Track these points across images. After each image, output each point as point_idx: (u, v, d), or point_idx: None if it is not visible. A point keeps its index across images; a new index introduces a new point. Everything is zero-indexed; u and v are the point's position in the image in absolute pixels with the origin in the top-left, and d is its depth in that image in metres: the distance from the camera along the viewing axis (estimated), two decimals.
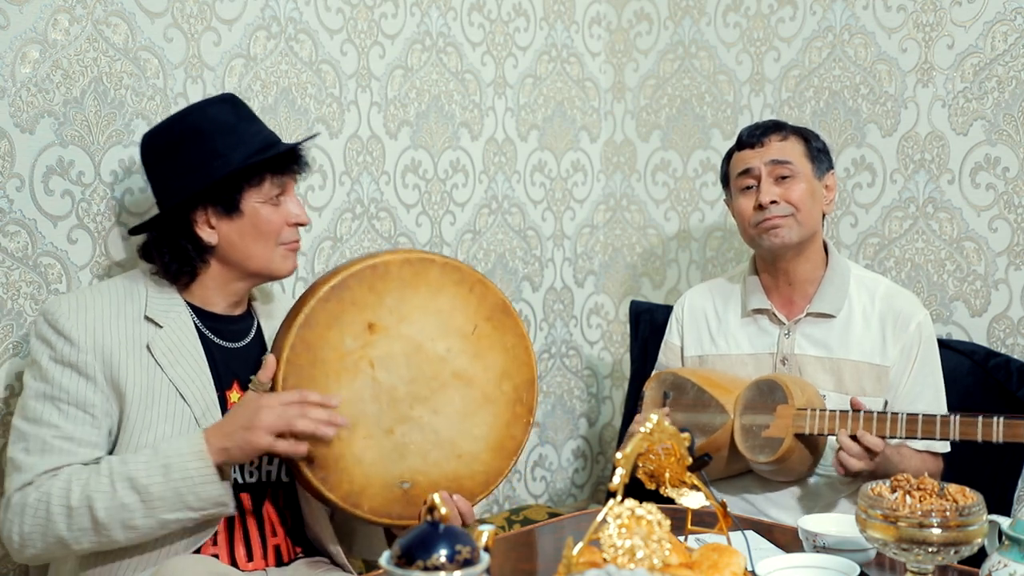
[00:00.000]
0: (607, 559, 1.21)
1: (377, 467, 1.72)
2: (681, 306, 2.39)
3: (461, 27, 2.73)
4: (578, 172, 3.07)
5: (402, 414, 1.73)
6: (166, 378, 1.77)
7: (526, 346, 1.82)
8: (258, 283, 1.92)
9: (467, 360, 1.77)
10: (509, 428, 1.82)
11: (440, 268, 1.76)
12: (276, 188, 1.84)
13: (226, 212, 1.81)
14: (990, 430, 1.84)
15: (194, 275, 1.85)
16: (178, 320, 1.82)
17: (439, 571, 1.08)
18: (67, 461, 1.69)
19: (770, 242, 2.16)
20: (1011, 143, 2.38)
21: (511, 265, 2.92)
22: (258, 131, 1.85)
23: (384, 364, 1.72)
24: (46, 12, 1.97)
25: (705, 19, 2.89)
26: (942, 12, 2.46)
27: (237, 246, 1.83)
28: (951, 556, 1.41)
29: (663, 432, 1.39)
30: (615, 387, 3.18)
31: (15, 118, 1.95)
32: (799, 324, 2.20)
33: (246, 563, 1.82)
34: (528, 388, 1.83)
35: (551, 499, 3.06)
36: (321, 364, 1.68)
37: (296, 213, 1.86)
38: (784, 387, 2.03)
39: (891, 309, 2.16)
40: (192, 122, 1.83)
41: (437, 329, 1.75)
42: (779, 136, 2.19)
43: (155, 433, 1.74)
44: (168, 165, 1.84)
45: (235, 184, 1.80)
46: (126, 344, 1.76)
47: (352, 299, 1.69)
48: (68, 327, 1.73)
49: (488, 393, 1.79)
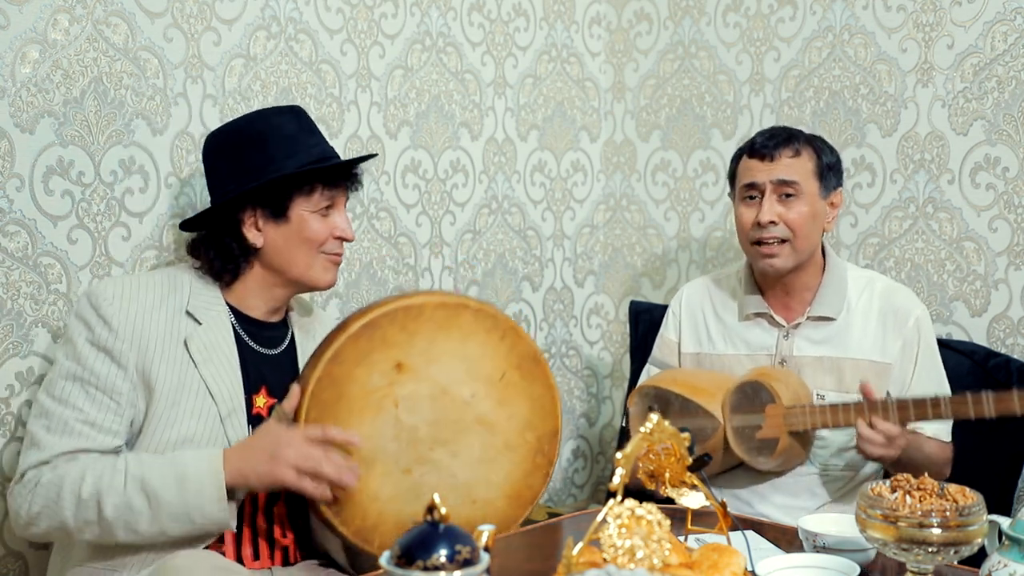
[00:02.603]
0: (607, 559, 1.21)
1: (392, 505, 1.72)
2: (679, 301, 2.39)
3: (461, 27, 2.73)
4: (578, 172, 3.07)
5: (421, 455, 1.73)
6: (198, 374, 1.79)
7: (553, 397, 1.82)
8: (297, 291, 1.94)
9: (491, 406, 1.77)
10: (527, 478, 1.81)
11: (473, 314, 1.76)
12: (326, 200, 1.87)
13: (274, 216, 1.84)
14: (981, 407, 1.87)
15: (236, 275, 1.87)
16: (217, 319, 1.85)
17: (439, 571, 1.08)
18: (85, 446, 1.70)
19: (764, 268, 2.17)
20: (1011, 143, 2.38)
21: (511, 265, 2.92)
22: (316, 143, 1.89)
23: (408, 404, 1.72)
24: (46, 12, 1.97)
25: (705, 19, 2.89)
26: (942, 12, 2.46)
27: (281, 251, 1.86)
28: (951, 556, 1.41)
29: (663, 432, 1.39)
30: (615, 387, 3.18)
31: (15, 118, 1.94)
32: (799, 328, 2.20)
33: (252, 562, 1.83)
34: (551, 440, 1.83)
35: (551, 499, 3.06)
36: (345, 400, 1.69)
37: (343, 227, 1.89)
38: (768, 387, 2.04)
39: (889, 305, 2.16)
40: (256, 127, 1.88)
41: (465, 373, 1.76)
42: (791, 151, 2.16)
43: (180, 429, 1.76)
44: (226, 165, 1.88)
45: (286, 190, 1.84)
46: (164, 337, 1.78)
47: (383, 337, 1.70)
48: (110, 312, 1.75)
49: (510, 441, 1.79)
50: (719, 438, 2.09)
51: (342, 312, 2.51)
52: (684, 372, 2.27)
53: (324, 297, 2.47)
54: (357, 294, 2.55)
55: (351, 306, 2.53)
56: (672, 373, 2.28)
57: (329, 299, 2.49)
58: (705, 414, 2.10)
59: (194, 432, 1.77)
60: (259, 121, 1.90)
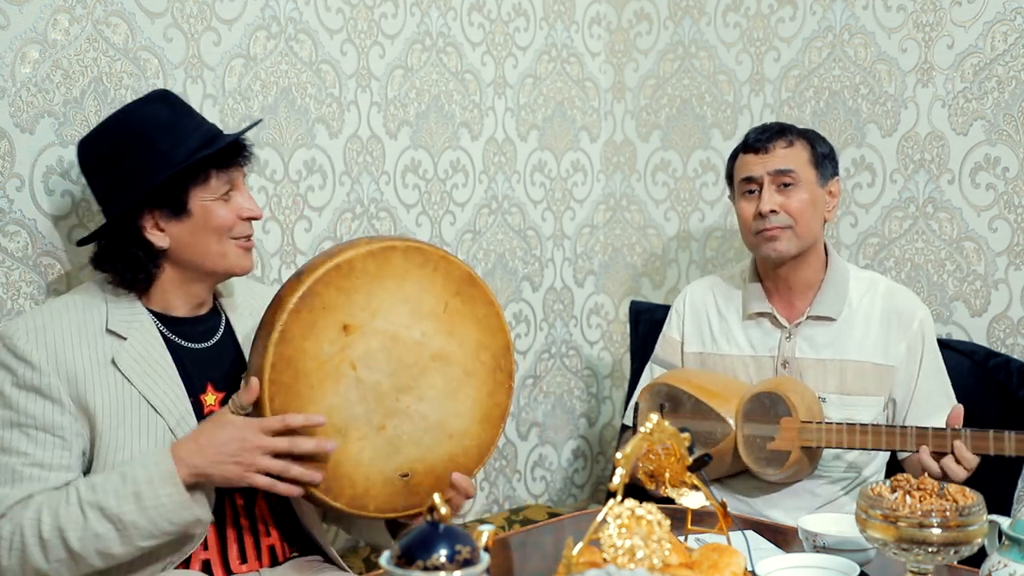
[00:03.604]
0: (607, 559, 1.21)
1: (376, 465, 1.72)
2: (683, 300, 2.39)
3: (461, 27, 2.73)
4: (578, 172, 3.07)
5: (390, 408, 1.73)
6: (135, 391, 1.72)
7: (497, 312, 1.82)
8: (217, 281, 1.87)
9: (443, 340, 1.77)
10: (492, 397, 1.83)
11: (402, 253, 1.74)
12: (224, 184, 1.77)
13: (174, 214, 1.75)
14: (1002, 444, 1.86)
15: (150, 281, 1.79)
16: (142, 329, 1.77)
17: (439, 571, 1.08)
18: (39, 488, 1.64)
19: (767, 252, 2.17)
20: (1011, 143, 2.38)
21: (511, 265, 2.92)
22: (197, 125, 1.79)
23: (365, 362, 1.71)
24: (46, 12, 1.97)
25: (705, 19, 2.89)
26: (942, 12, 2.46)
27: (190, 247, 1.77)
28: (951, 556, 1.41)
29: (663, 432, 1.39)
30: (615, 387, 3.17)
31: (15, 118, 1.95)
32: (800, 327, 2.20)
33: (239, 565, 1.81)
34: (505, 354, 1.83)
35: (551, 499, 3.06)
36: (304, 376, 1.67)
37: (247, 207, 1.80)
38: (786, 400, 2.03)
39: (892, 307, 2.16)
40: (128, 125, 1.76)
41: (410, 315, 1.75)
42: (784, 142, 2.18)
43: (130, 449, 1.70)
44: (108, 172, 1.77)
45: (180, 184, 1.73)
46: (90, 361, 1.71)
47: (322, 304, 1.67)
48: (28, 350, 1.67)
49: (467, 367, 1.80)
50: (729, 444, 2.08)
51: None
52: (698, 373, 2.26)
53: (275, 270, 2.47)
54: None
55: None
56: (685, 373, 2.27)
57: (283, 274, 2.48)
58: (717, 418, 2.10)
59: (146, 449, 1.71)
60: (128, 117, 1.77)
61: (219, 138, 1.79)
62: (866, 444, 1.97)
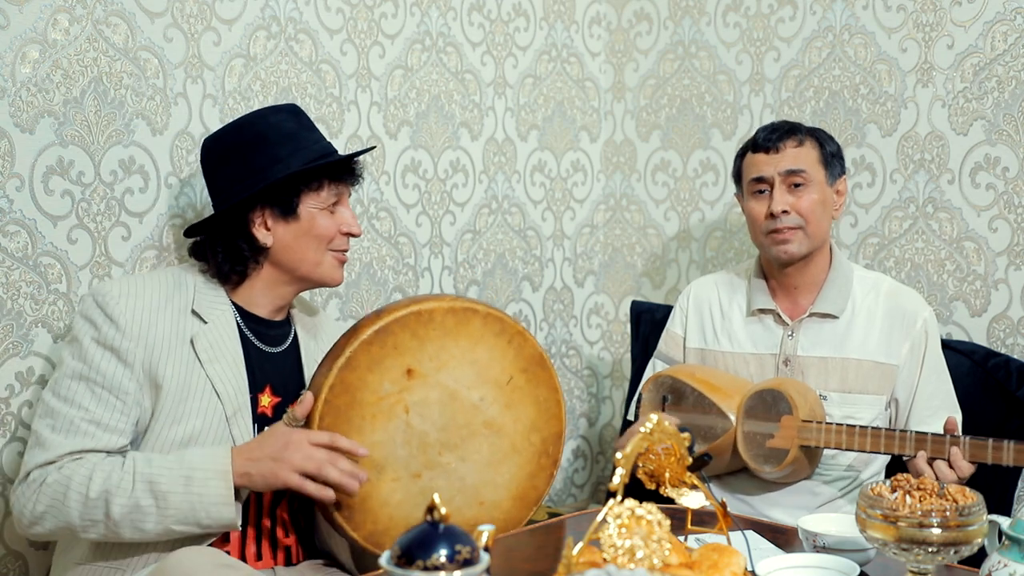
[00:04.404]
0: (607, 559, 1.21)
1: (402, 510, 1.74)
2: (687, 296, 2.39)
3: (461, 27, 2.73)
4: (578, 172, 3.07)
5: (431, 460, 1.76)
6: (204, 373, 1.79)
7: (558, 400, 1.85)
8: (304, 288, 1.95)
9: (499, 410, 1.80)
10: (532, 479, 1.84)
11: (483, 319, 1.77)
12: (332, 196, 1.88)
13: (283, 214, 1.84)
14: (1000, 453, 1.85)
15: (245, 275, 1.88)
16: (222, 318, 1.85)
17: (439, 571, 1.08)
18: (91, 446, 1.71)
19: (778, 254, 2.17)
20: (1011, 143, 2.38)
21: (511, 265, 2.92)
22: (317, 140, 1.90)
23: (418, 410, 1.74)
24: (46, 12, 1.97)
25: (705, 19, 2.89)
26: (942, 12, 2.46)
27: (291, 249, 1.86)
28: (951, 556, 1.41)
29: (663, 432, 1.39)
30: (615, 387, 3.17)
31: (15, 118, 1.94)
32: (802, 324, 2.20)
33: (255, 561, 1.84)
34: (555, 441, 1.86)
35: (551, 499, 3.06)
36: (358, 406, 1.70)
37: (350, 222, 1.91)
38: (788, 398, 2.03)
39: (896, 307, 2.16)
40: (255, 128, 1.87)
41: (473, 378, 1.77)
42: (794, 142, 2.18)
43: (186, 426, 1.76)
44: (229, 168, 1.87)
45: (294, 188, 1.84)
46: (170, 336, 1.79)
47: (395, 344, 1.71)
48: (117, 311, 1.75)
49: (516, 444, 1.82)
50: (728, 440, 2.08)
51: (342, 312, 2.51)
52: (703, 369, 2.27)
53: (324, 297, 2.47)
54: (357, 294, 2.55)
55: (351, 306, 2.53)
56: (690, 368, 2.27)
57: (329, 299, 2.49)
58: (719, 412, 2.10)
59: (200, 431, 1.77)
60: (258, 122, 1.89)
61: (336, 153, 1.91)
62: (864, 447, 1.97)
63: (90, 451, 1.71)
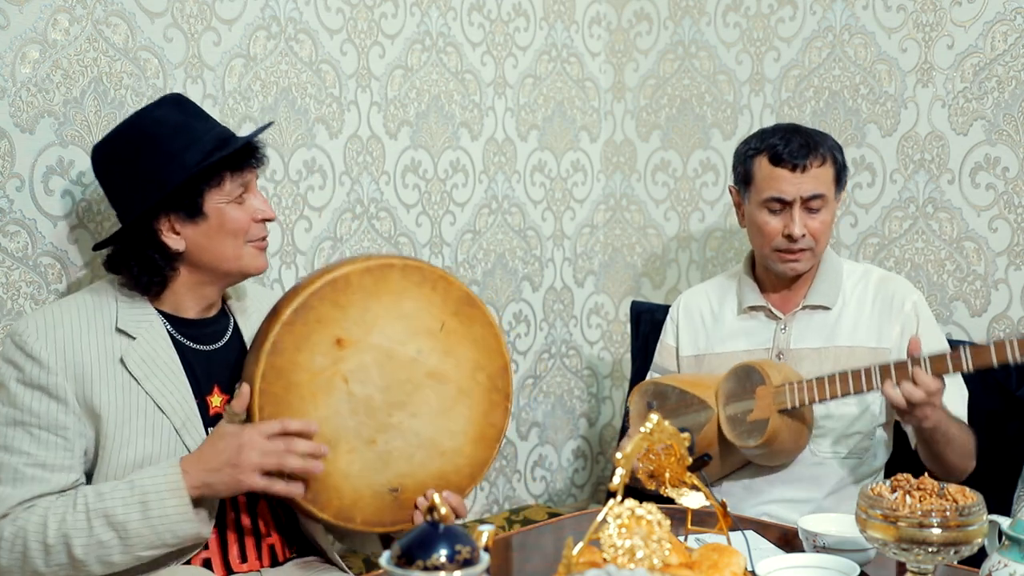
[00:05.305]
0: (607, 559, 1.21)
1: (364, 479, 1.73)
2: (677, 307, 2.40)
3: (461, 27, 2.73)
4: (578, 172, 3.07)
5: (381, 423, 1.74)
6: (142, 391, 1.73)
7: (495, 334, 1.83)
8: (232, 283, 1.87)
9: (438, 358, 1.78)
10: (487, 417, 1.83)
11: (400, 271, 1.75)
12: (238, 187, 1.78)
13: (189, 217, 1.75)
14: (959, 361, 1.84)
15: (165, 283, 1.79)
16: (151, 330, 1.77)
17: (439, 571, 1.08)
18: (41, 491, 1.65)
19: (785, 270, 2.19)
20: (1011, 143, 2.38)
21: (511, 265, 2.92)
22: (209, 128, 1.79)
23: (357, 377, 1.72)
24: (46, 12, 1.97)
25: (705, 19, 2.89)
26: (942, 12, 2.46)
27: (206, 249, 1.77)
28: (951, 556, 1.41)
29: (663, 432, 1.39)
30: (615, 387, 3.18)
31: (15, 118, 1.95)
32: (795, 318, 2.21)
33: (240, 564, 1.81)
34: (502, 375, 1.84)
35: (551, 499, 3.06)
36: (295, 388, 1.68)
37: (261, 209, 1.81)
38: (759, 369, 2.05)
39: (885, 292, 2.19)
40: (141, 129, 1.76)
41: (405, 332, 1.75)
42: (818, 160, 2.13)
43: (135, 449, 1.71)
44: (123, 176, 1.77)
45: (195, 187, 1.73)
46: (99, 360, 1.71)
47: (316, 318, 1.69)
48: (37, 348, 1.68)
49: (463, 387, 1.80)
50: (713, 426, 2.09)
51: None
52: (686, 372, 2.29)
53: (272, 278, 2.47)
54: None
55: None
56: (673, 374, 2.31)
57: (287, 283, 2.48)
58: (700, 403, 2.11)
59: (151, 450, 1.72)
60: (142, 121, 1.78)
61: (232, 140, 1.79)
62: (836, 392, 1.96)
63: (42, 495, 1.65)
